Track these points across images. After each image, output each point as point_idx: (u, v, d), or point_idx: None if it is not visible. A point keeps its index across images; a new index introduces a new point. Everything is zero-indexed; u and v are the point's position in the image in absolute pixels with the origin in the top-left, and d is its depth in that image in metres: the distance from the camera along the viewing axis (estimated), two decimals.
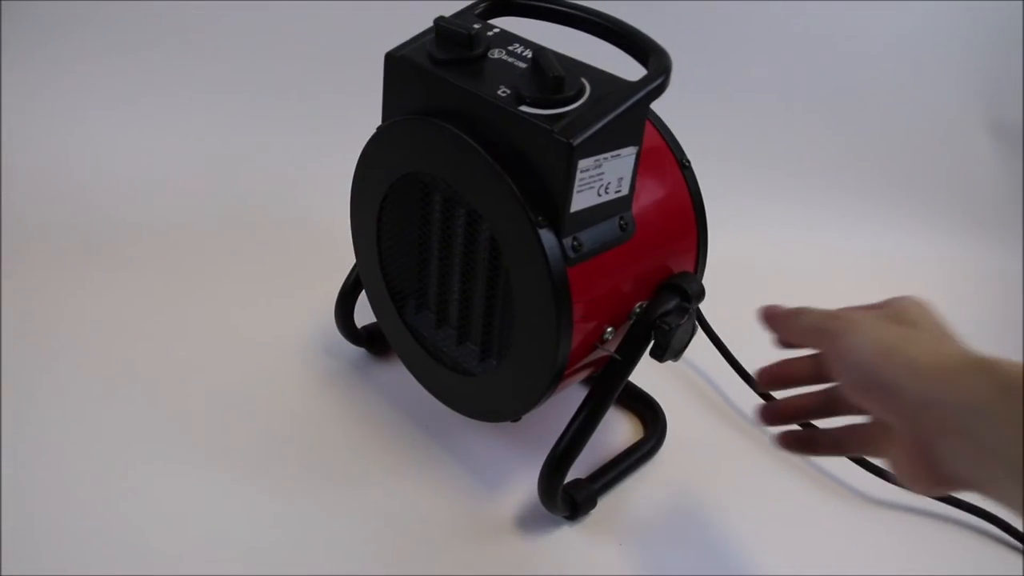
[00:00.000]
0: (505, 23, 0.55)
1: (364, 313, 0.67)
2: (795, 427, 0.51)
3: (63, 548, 0.53)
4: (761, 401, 0.53)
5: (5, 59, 0.97)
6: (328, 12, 0.99)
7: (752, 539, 0.58)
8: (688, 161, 0.56)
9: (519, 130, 0.47)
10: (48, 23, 0.98)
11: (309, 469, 0.61)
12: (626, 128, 0.47)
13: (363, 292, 0.66)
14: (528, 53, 0.52)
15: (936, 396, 0.34)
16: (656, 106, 0.50)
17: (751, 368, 0.67)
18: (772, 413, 0.50)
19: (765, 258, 0.89)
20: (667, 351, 0.53)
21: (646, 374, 0.61)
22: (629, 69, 0.50)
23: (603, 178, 0.48)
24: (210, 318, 0.74)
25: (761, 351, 0.49)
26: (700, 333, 0.64)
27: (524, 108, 0.47)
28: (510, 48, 0.53)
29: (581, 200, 0.47)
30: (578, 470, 0.58)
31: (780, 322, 0.46)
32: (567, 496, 0.57)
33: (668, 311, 0.53)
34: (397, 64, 0.53)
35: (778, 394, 0.51)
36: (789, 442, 0.50)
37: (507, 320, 0.54)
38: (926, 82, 1.02)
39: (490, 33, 0.54)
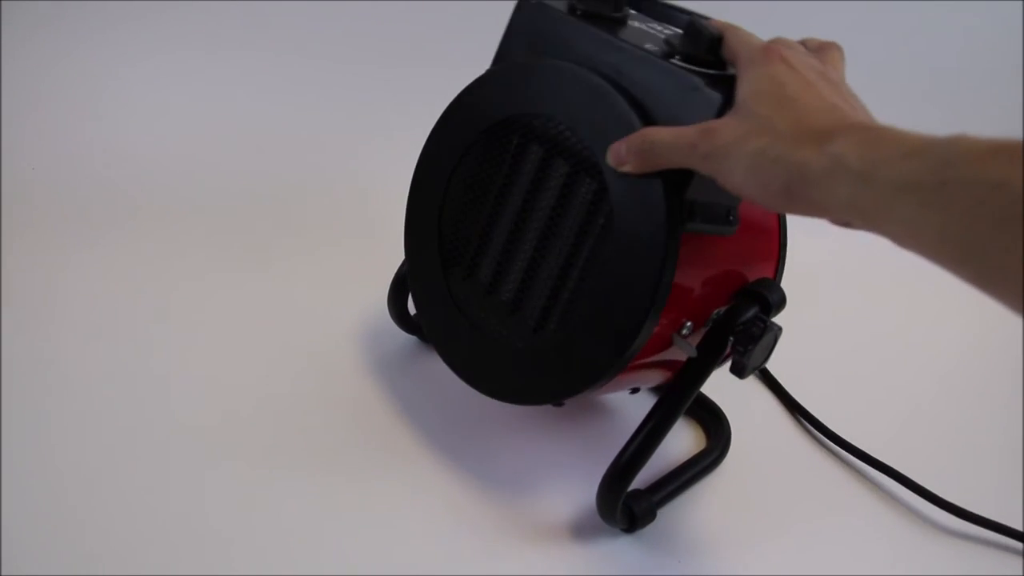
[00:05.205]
0: None
1: None
2: None
3: (102, 543, 0.51)
4: None
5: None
6: None
7: (816, 563, 0.55)
8: None
9: (663, 82, 0.45)
10: None
11: (353, 460, 0.58)
12: None
13: None
14: (671, 32, 0.50)
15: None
16: None
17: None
18: None
19: (824, 263, 0.85)
20: (750, 357, 0.49)
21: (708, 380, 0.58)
22: None
23: None
24: (257, 302, 0.71)
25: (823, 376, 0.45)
26: None
27: (675, 62, 0.45)
28: (650, 25, 0.51)
29: None
30: (636, 479, 0.55)
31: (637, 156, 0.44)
32: (626, 508, 0.54)
33: (748, 319, 0.49)
34: (532, 9, 0.52)
35: None
36: None
37: (581, 287, 0.49)
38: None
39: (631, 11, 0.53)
